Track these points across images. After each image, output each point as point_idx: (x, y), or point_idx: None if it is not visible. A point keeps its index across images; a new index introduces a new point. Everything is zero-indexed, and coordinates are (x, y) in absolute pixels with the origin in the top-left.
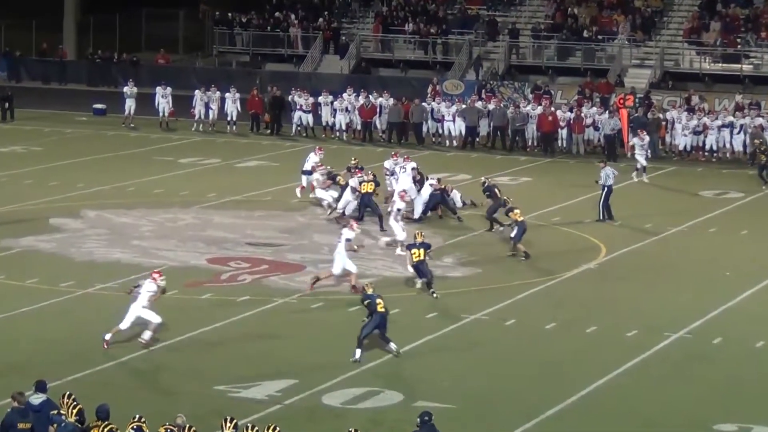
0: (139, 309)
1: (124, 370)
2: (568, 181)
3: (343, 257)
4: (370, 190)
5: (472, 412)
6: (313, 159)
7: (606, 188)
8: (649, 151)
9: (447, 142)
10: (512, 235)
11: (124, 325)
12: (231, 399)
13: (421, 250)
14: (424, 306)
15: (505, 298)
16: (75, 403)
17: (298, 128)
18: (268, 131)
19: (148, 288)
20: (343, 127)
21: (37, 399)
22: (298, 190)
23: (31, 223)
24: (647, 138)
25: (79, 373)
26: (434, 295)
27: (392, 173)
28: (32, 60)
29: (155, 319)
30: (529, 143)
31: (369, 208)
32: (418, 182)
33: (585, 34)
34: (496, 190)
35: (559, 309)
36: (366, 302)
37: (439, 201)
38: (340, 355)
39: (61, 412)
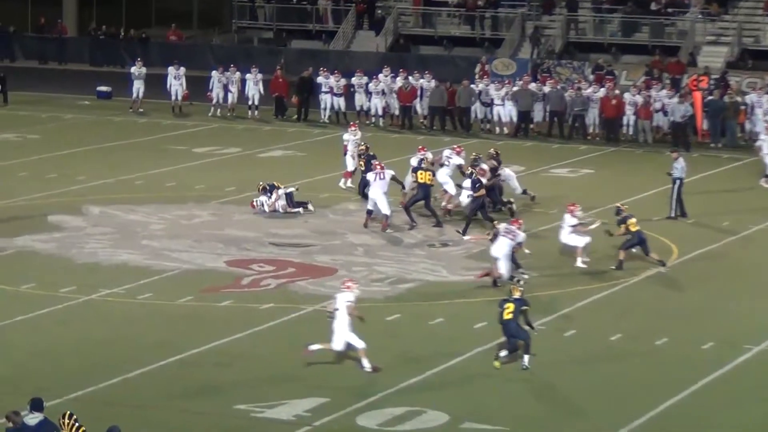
0: (345, 329)
1: (131, 387)
2: (634, 174)
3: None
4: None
5: None
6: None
7: (678, 181)
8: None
9: (497, 129)
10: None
11: (337, 346)
12: (254, 419)
13: (514, 306)
14: (472, 314)
15: (564, 306)
16: (77, 424)
17: (329, 114)
18: (295, 117)
19: (345, 298)
20: (379, 113)
21: (33, 419)
22: (342, 182)
23: (26, 221)
24: None
25: (80, 390)
26: (523, 365)
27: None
28: (28, 36)
29: (359, 344)
30: (590, 130)
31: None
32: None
33: (653, 6)
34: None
35: (624, 318)
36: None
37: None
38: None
39: None
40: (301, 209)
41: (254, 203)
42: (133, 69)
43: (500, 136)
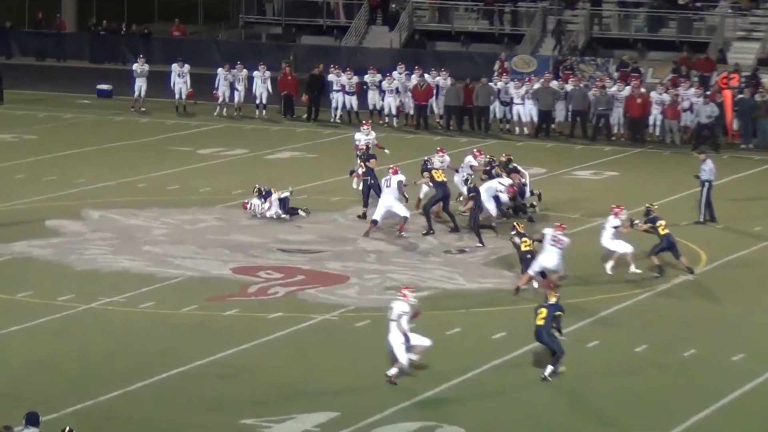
0: (398, 341)
1: (132, 400)
2: (661, 176)
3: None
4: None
5: None
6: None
7: (707, 184)
8: None
9: (516, 129)
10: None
11: (403, 359)
12: None
13: (547, 312)
14: (490, 324)
15: (586, 315)
16: None
17: (340, 113)
18: (305, 116)
19: (399, 309)
20: (393, 112)
21: None
22: (355, 183)
23: (23, 226)
24: None
25: (79, 404)
26: (542, 375)
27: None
28: (25, 32)
29: (424, 342)
30: (615, 130)
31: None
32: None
33: (680, 0)
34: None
35: (650, 328)
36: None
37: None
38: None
39: None
40: (287, 215)
41: (247, 205)
42: (134, 66)
43: (520, 137)
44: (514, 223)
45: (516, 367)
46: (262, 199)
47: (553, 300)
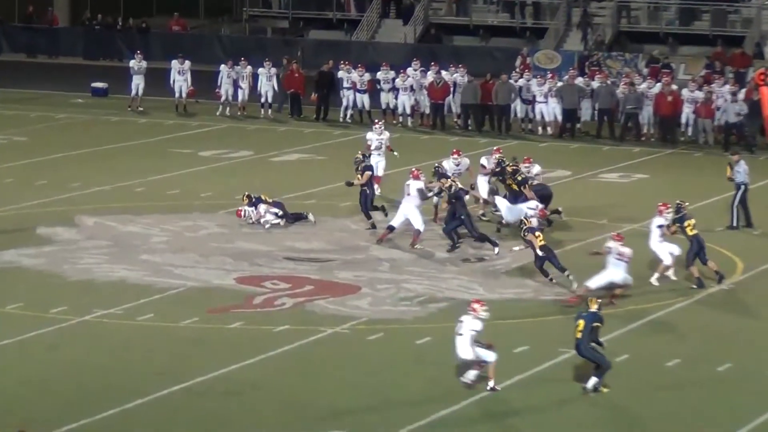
0: (467, 352)
1: (130, 419)
2: (693, 179)
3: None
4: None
5: None
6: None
7: (742, 187)
8: None
9: (539, 129)
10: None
11: (468, 379)
12: None
13: (584, 323)
14: (512, 337)
15: (615, 327)
16: None
17: (351, 112)
18: (313, 116)
19: (470, 326)
20: (408, 111)
21: None
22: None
23: (13, 234)
24: None
25: (73, 422)
26: (585, 387)
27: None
28: (15, 27)
29: (490, 357)
30: (644, 130)
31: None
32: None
33: None
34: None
35: (683, 341)
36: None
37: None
38: (404, 401)
39: None
40: (282, 220)
41: (241, 212)
42: (132, 63)
43: (543, 137)
44: (523, 219)
45: (542, 383)
46: (254, 208)
47: (593, 308)
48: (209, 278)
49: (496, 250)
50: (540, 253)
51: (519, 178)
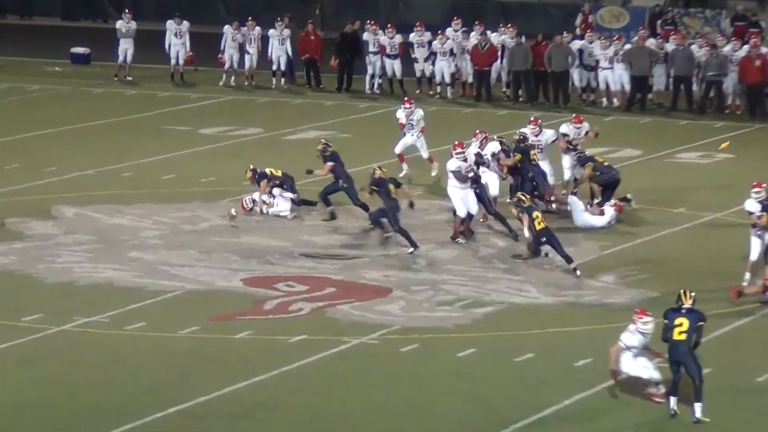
0: (634, 366)
1: None
2: None
3: None
4: None
5: None
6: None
7: None
8: None
9: (603, 100)
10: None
11: (654, 374)
12: None
13: (688, 323)
14: (572, 348)
15: None
16: None
17: (379, 81)
18: (335, 87)
19: (626, 341)
20: (447, 80)
21: None
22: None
23: None
24: None
25: None
26: (694, 417)
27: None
28: None
29: (654, 375)
30: (729, 101)
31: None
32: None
33: None
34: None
35: None
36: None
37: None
38: (441, 425)
39: None
40: (288, 214)
41: (244, 203)
42: (118, 24)
43: (608, 110)
44: (519, 195)
45: (607, 401)
46: (256, 184)
47: (688, 304)
48: (212, 279)
49: (411, 250)
50: (540, 237)
51: (521, 146)
